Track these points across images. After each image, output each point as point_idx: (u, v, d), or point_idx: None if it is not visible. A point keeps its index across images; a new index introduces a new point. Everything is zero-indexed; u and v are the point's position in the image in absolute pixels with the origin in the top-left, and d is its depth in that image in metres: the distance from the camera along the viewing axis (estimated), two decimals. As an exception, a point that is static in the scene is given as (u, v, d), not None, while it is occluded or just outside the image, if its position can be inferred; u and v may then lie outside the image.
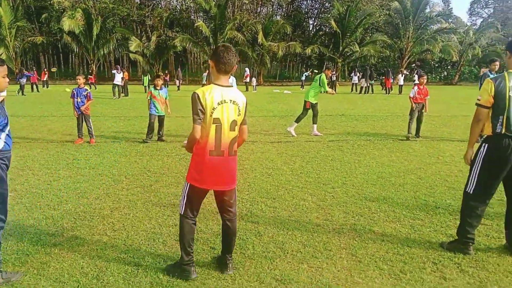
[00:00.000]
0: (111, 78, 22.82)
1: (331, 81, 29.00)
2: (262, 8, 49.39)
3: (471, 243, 3.60)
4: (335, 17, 41.68)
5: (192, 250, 3.08)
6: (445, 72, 52.89)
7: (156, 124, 8.93)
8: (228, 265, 3.18)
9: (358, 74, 30.74)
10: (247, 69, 31.64)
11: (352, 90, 30.05)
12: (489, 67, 9.11)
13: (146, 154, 7.61)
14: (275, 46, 39.10)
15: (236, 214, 3.22)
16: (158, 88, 8.88)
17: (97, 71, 41.84)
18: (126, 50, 40.30)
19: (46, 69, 34.06)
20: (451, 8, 54.33)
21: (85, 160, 7.07)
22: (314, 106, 9.89)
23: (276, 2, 48.67)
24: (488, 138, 3.48)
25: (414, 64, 47.74)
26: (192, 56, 48.97)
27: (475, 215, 3.58)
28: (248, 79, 30.21)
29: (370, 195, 5.23)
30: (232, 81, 9.67)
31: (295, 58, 49.40)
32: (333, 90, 13.11)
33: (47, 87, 30.25)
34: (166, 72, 34.87)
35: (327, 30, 46.73)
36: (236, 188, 3.29)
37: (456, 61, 46.01)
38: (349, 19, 40.72)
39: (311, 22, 51.10)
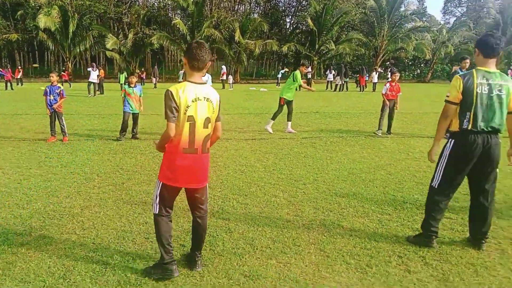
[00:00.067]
0: (87, 76, 22.40)
1: (307, 79, 29.27)
2: (240, 6, 49.30)
3: (434, 237, 3.71)
4: (312, 15, 42.02)
5: (172, 248, 3.06)
6: (418, 70, 54.10)
7: (130, 122, 8.84)
8: (197, 262, 3.19)
9: (333, 72, 31.13)
10: (224, 67, 31.52)
11: (327, 88, 30.38)
12: (460, 65, 9.31)
13: (120, 152, 7.53)
14: (252, 44, 39.13)
15: (207, 211, 3.22)
16: (132, 86, 8.77)
17: (73, 69, 40.87)
18: (103, 48, 39.57)
19: (21, 67, 33.14)
20: (425, 7, 55.50)
21: (57, 158, 6.96)
22: (289, 104, 9.94)
23: (254, 0, 48.67)
24: (455, 134, 3.57)
25: (389, 62, 48.67)
26: (169, 54, 48.51)
27: (439, 209, 3.69)
28: (225, 77, 30.11)
29: (341, 191, 5.33)
30: (208, 79, 9.62)
31: (272, 56, 49.54)
32: (311, 87, 13.15)
33: (21, 85, 29.56)
34: (143, 70, 34.41)
35: (304, 28, 47.02)
36: (208, 185, 3.31)
37: (429, 59, 47.13)
38: (326, 17, 41.14)
39: (288, 20, 51.36)
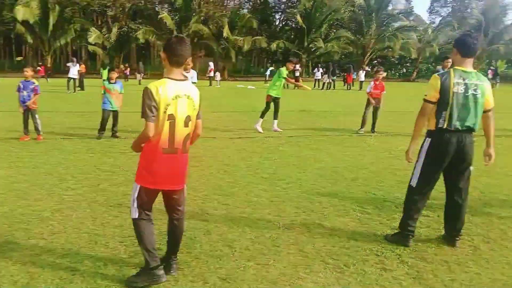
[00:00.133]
0: (68, 71, 21.83)
1: (295, 77, 29.28)
2: (229, 1, 49.06)
3: (411, 236, 3.75)
4: (301, 12, 42.04)
5: (156, 251, 2.94)
6: (404, 69, 54.73)
7: (111, 120, 8.66)
8: (172, 266, 3.10)
9: (321, 70, 31.23)
10: (211, 63, 31.35)
11: (315, 86, 30.47)
12: (442, 65, 9.39)
13: (98, 151, 7.39)
14: (241, 41, 39.00)
15: (185, 213, 3.16)
16: (113, 82, 8.58)
17: (53, 64, 39.95)
18: (85, 42, 38.74)
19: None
20: (412, 6, 55.95)
21: (30, 159, 6.70)
22: (276, 101, 9.87)
23: (243, -5, 48.54)
24: (431, 133, 3.61)
25: (376, 61, 49.03)
26: (155, 50, 47.83)
27: (417, 209, 3.73)
28: (212, 74, 29.95)
29: (323, 190, 5.34)
30: (193, 75, 9.50)
31: (261, 53, 49.47)
32: (302, 84, 13.00)
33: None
34: (127, 66, 33.91)
35: (293, 25, 47.05)
36: (189, 186, 3.24)
37: (415, 59, 47.67)
38: (315, 15, 41.27)
39: (278, 17, 51.33)
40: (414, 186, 3.70)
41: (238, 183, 5.54)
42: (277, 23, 50.86)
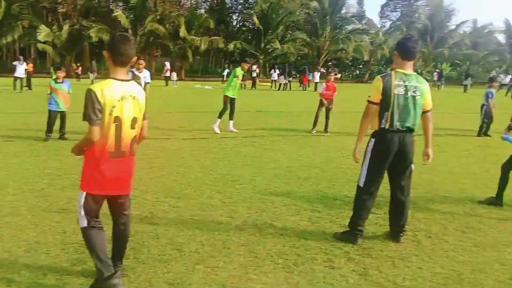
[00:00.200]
0: (14, 70, 20.63)
1: (252, 77, 29.44)
2: (186, 1, 48.41)
3: (360, 235, 3.84)
4: (258, 14, 42.37)
5: (109, 259, 2.82)
6: (357, 71, 56.60)
7: (58, 121, 8.26)
8: (117, 273, 3.02)
9: (278, 71, 31.60)
10: (168, 63, 30.80)
11: (272, 87, 30.78)
12: (391, 67, 9.81)
13: (44, 154, 7.03)
14: (198, 40, 38.62)
15: (130, 217, 3.07)
16: (60, 81, 8.19)
17: (-1, 62, 37.71)
18: (34, 40, 36.83)
19: None
20: (364, 10, 58.10)
21: (-33, 163, 6.24)
22: (232, 102, 9.86)
23: (200, -5, 48.09)
24: (375, 133, 3.73)
25: (330, 63, 50.33)
26: (109, 48, 46.29)
27: (365, 208, 3.83)
28: (168, 74, 29.43)
29: (276, 190, 5.38)
30: (146, 75, 9.25)
31: (219, 53, 49.27)
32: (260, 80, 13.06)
33: None
34: (78, 65, 32.64)
35: (250, 26, 47.26)
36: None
37: (367, 61, 49.47)
38: (271, 16, 41.66)
39: (235, 17, 51.35)
40: (362, 186, 3.80)
41: (191, 185, 5.46)
42: (234, 24, 50.91)
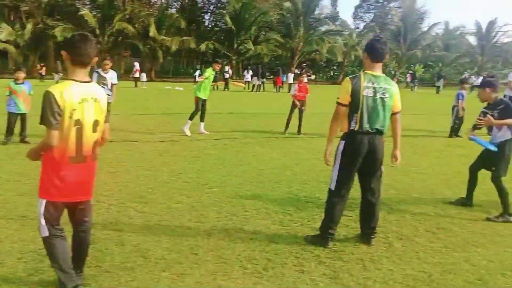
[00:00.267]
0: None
1: (225, 78, 29.28)
2: (156, 0, 47.64)
3: (331, 239, 3.79)
4: (231, 14, 42.17)
5: (72, 270, 2.70)
6: (331, 72, 57.29)
7: (19, 124, 7.85)
8: (77, 282, 2.86)
9: (251, 72, 31.59)
10: (137, 64, 30.15)
11: (245, 88, 30.73)
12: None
13: (2, 159, 6.65)
14: (168, 41, 38.12)
15: (91, 224, 2.94)
16: (19, 82, 7.80)
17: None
18: (-6, 39, 35.38)
19: None
20: (338, 12, 58.76)
21: None
22: (203, 103, 9.69)
23: (171, -6, 47.45)
24: (345, 135, 3.71)
25: (305, 64, 50.71)
26: (76, 49, 44.90)
27: (336, 211, 3.77)
28: (138, 74, 28.82)
29: (246, 193, 5.28)
30: (113, 76, 8.96)
31: (190, 54, 48.74)
32: (239, 82, 12.95)
33: None
34: (42, 65, 31.56)
35: (223, 27, 46.98)
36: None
37: (341, 62, 50.08)
38: (244, 16, 41.58)
39: (207, 17, 50.90)
40: (333, 189, 3.75)
41: (159, 189, 5.29)
42: (207, 24, 50.49)
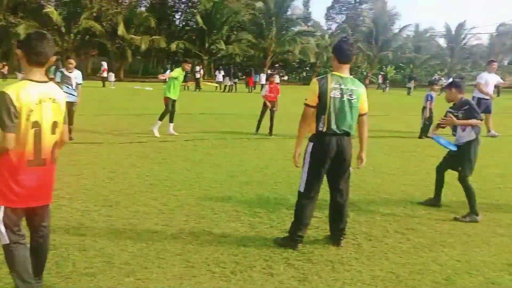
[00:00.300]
0: None
1: (195, 78, 29.02)
2: (125, -2, 46.65)
3: (300, 241, 3.76)
4: (202, 13, 41.83)
5: (33, 278, 2.59)
6: (304, 73, 57.83)
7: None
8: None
9: (223, 72, 31.43)
10: (104, 63, 29.45)
11: (217, 89, 30.56)
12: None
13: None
14: (138, 40, 37.43)
15: (50, 229, 2.83)
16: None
17: None
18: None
19: None
20: (310, 12, 59.32)
21: None
22: (173, 103, 9.52)
23: (141, -8, 46.61)
24: (313, 137, 3.69)
25: (278, 64, 50.98)
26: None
27: (305, 213, 3.74)
28: (105, 74, 28.12)
29: (216, 196, 5.20)
30: (78, 76, 8.67)
31: (160, 53, 48.03)
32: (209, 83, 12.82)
33: None
34: (4, 64, 30.37)
35: (194, 26, 46.55)
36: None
37: (314, 63, 50.55)
38: (216, 16, 41.33)
39: (178, 17, 50.34)
40: (302, 191, 3.72)
41: (125, 192, 5.13)
42: (177, 23, 49.93)
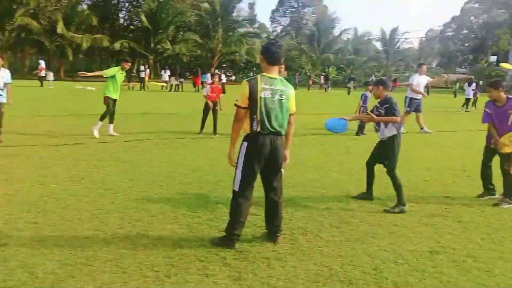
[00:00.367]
0: None
1: (140, 78, 28.29)
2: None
3: (237, 239, 3.76)
4: (146, 12, 40.95)
5: None
6: (252, 73, 58.30)
7: None
8: None
9: (169, 72, 30.96)
10: (42, 62, 27.80)
11: (163, 88, 29.99)
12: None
13: None
14: (79, 38, 35.80)
15: None
16: None
17: None
18: None
19: None
20: (255, 14, 60.05)
21: None
22: (113, 103, 9.17)
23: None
24: (247, 136, 3.71)
25: (225, 65, 51.00)
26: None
27: (241, 211, 3.74)
28: (43, 73, 26.57)
29: (154, 197, 5.07)
30: (5, 75, 8.09)
31: (104, 53, 46.26)
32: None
33: None
34: None
35: (139, 25, 45.40)
36: None
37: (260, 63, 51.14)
38: (161, 16, 40.62)
39: (122, 15, 48.74)
40: (237, 190, 3.72)
41: (56, 197, 4.86)
42: (121, 22, 48.35)
